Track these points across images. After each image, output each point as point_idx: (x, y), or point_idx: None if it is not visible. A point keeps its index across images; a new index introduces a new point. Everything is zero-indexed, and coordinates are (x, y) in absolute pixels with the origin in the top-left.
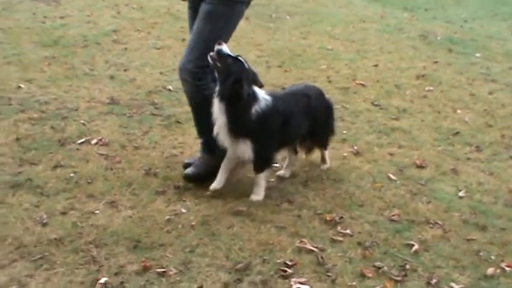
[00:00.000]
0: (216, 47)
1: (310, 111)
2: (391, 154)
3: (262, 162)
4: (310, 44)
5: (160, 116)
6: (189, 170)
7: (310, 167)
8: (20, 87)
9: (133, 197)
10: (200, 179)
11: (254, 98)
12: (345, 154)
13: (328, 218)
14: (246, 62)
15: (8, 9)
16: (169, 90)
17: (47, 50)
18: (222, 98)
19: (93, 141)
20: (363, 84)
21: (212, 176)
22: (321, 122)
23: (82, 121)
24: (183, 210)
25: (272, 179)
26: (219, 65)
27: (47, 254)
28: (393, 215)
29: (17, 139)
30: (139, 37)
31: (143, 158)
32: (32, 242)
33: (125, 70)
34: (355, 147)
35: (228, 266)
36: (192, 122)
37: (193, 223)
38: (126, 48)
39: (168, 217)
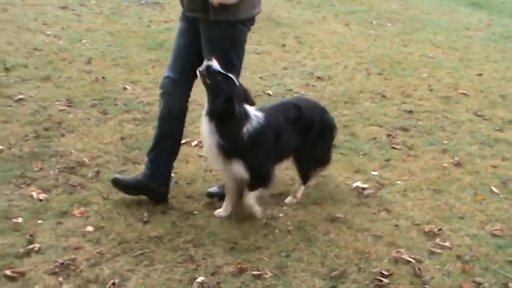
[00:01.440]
0: (206, 63)
1: (299, 123)
2: (494, 166)
3: (259, 180)
4: (411, 51)
5: None
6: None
7: (409, 176)
8: (125, 88)
9: None
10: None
11: (245, 116)
12: (445, 165)
13: (426, 229)
14: (237, 79)
15: (117, 14)
16: (269, 94)
17: (151, 53)
18: (212, 116)
19: (194, 143)
20: (465, 94)
21: None
22: (308, 141)
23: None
24: (280, 215)
25: (367, 185)
26: (208, 81)
27: (147, 250)
28: (495, 230)
29: (122, 138)
30: None
31: None
32: (134, 238)
33: None
34: (456, 158)
35: (323, 273)
36: None
37: (289, 228)
38: None
39: (265, 221)
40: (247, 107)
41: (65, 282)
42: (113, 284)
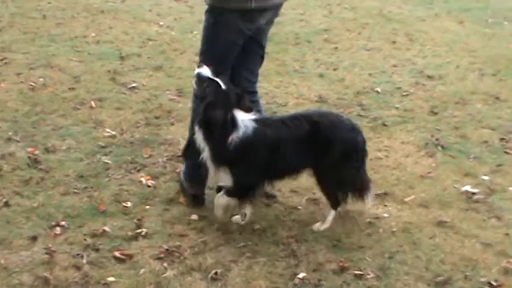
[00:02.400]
0: (196, 71)
1: (313, 141)
2: None
3: (238, 190)
4: None
5: (366, 118)
6: None
7: None
8: None
9: None
10: None
11: (232, 124)
12: None
13: None
14: (226, 84)
15: None
16: (377, 92)
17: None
18: (199, 124)
19: None
20: None
21: None
22: (329, 164)
23: None
24: (385, 215)
25: (477, 190)
26: (197, 89)
27: (250, 243)
28: None
29: None
30: (349, 37)
31: None
32: (238, 230)
33: (334, 69)
34: None
35: (427, 277)
36: (399, 126)
37: (394, 229)
38: (336, 48)
39: (369, 220)
40: (239, 115)
41: (169, 268)
42: (215, 273)
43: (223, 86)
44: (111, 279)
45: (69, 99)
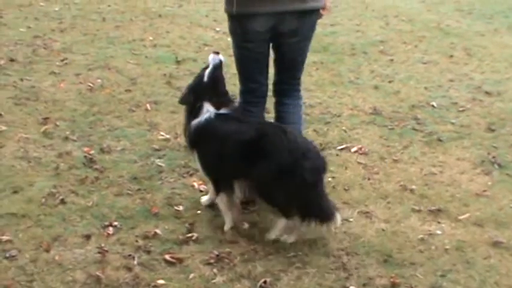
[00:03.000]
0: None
1: (250, 149)
2: None
3: (212, 182)
4: None
5: (421, 132)
6: None
7: None
8: None
9: (388, 211)
10: None
11: (199, 110)
12: None
13: None
14: (211, 77)
15: None
16: (433, 106)
17: (316, 55)
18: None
19: (353, 149)
20: None
21: None
22: (259, 175)
23: (344, 128)
24: (438, 232)
25: None
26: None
27: (300, 253)
28: None
29: None
30: (406, 50)
31: (401, 172)
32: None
33: (390, 82)
34: None
35: None
36: (455, 142)
37: (447, 247)
38: (392, 60)
39: (421, 236)
40: (207, 106)
41: (218, 274)
42: (265, 282)
43: (205, 78)
44: (161, 282)
45: (125, 101)
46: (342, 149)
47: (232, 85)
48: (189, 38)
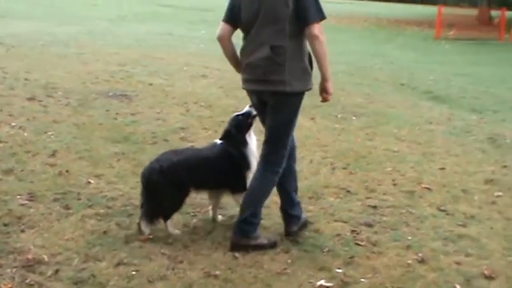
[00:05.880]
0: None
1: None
2: (458, 263)
3: None
4: (375, 145)
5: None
6: None
7: (373, 274)
8: (89, 182)
9: None
10: None
11: None
12: (409, 261)
13: None
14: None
15: (84, 106)
16: None
17: (117, 146)
18: None
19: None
20: (428, 188)
21: None
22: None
23: None
24: None
25: (331, 284)
26: None
27: None
28: None
29: (83, 234)
30: (206, 135)
31: (205, 259)
32: None
33: None
34: (420, 254)
35: None
36: None
37: None
38: (193, 146)
39: None
40: None
41: None
42: None
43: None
44: None
45: None
46: (145, 240)
47: None
48: None
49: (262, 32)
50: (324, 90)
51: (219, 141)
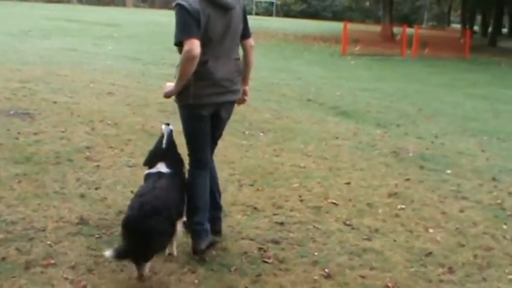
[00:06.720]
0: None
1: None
2: (363, 277)
3: None
4: (282, 161)
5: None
6: None
7: None
8: None
9: None
10: None
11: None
12: (315, 277)
13: None
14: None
15: None
16: None
17: (18, 166)
18: None
19: (61, 265)
20: (335, 203)
21: None
22: None
23: (49, 242)
24: None
25: None
26: None
27: None
28: None
29: None
30: (112, 154)
31: (109, 282)
32: None
33: (96, 188)
34: (326, 270)
35: None
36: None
37: None
38: (98, 166)
39: None
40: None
41: None
42: None
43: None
44: None
45: None
46: (47, 265)
47: None
48: None
49: (228, 47)
50: (246, 94)
51: (164, 170)
